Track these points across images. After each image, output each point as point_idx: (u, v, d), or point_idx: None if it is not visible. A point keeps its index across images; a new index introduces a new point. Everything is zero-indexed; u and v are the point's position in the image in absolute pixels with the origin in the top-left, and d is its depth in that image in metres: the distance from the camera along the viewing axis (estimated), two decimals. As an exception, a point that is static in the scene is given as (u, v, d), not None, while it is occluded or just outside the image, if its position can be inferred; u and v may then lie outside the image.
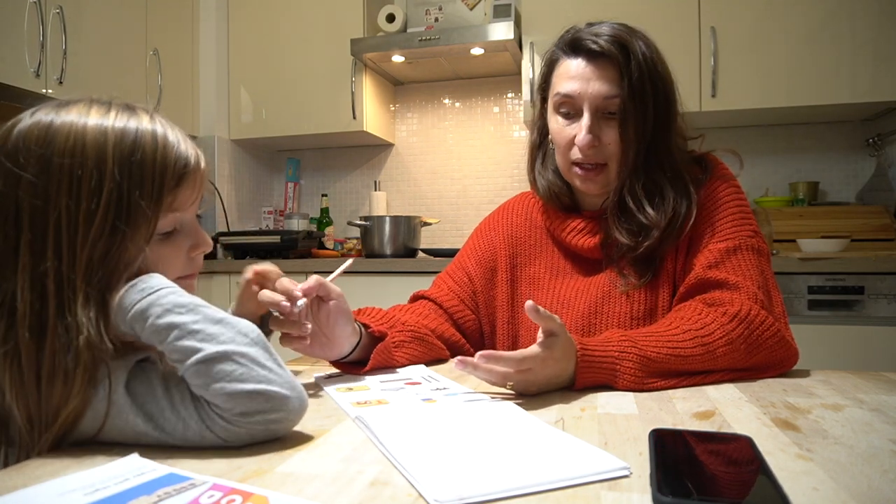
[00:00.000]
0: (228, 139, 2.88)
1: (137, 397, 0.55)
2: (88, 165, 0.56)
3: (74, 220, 0.55)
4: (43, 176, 0.56)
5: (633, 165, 0.95)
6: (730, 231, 0.95)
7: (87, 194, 0.56)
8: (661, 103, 0.95)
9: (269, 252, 2.62)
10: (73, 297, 0.54)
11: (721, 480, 0.47)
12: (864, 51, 2.15)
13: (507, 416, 0.63)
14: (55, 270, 0.55)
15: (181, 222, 0.64)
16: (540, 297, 1.05)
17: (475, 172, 2.97)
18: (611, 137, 0.95)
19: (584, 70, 0.95)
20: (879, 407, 0.68)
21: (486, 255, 1.13)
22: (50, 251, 0.55)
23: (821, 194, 2.53)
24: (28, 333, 0.53)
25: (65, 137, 0.57)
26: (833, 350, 1.91)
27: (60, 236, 0.55)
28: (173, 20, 2.67)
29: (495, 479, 0.46)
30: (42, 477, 0.48)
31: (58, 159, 0.56)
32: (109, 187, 0.56)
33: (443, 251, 2.53)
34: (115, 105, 0.62)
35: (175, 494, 0.44)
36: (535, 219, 1.13)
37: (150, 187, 0.59)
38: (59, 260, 0.55)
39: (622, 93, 0.92)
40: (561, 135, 0.99)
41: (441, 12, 2.83)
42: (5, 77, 1.94)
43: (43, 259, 0.54)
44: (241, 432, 0.54)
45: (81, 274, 0.55)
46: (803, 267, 1.95)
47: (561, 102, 0.98)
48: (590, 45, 0.94)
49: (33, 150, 0.56)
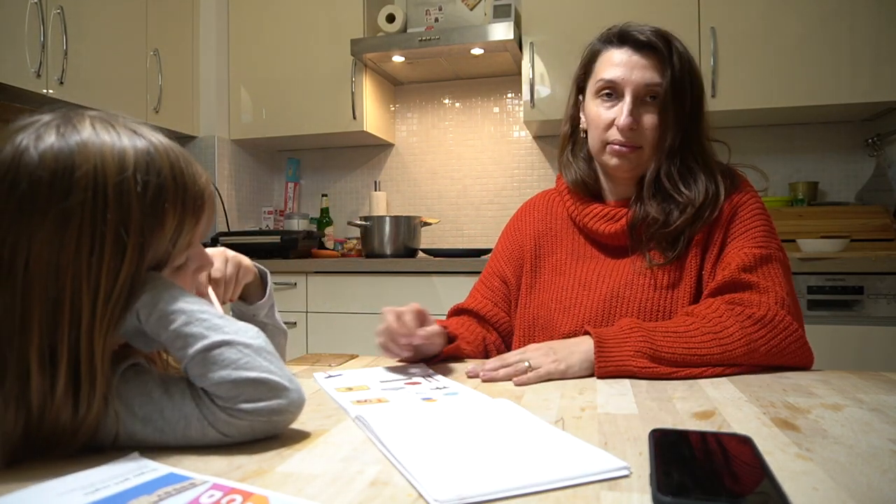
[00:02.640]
0: (228, 139, 2.88)
1: (132, 403, 0.54)
2: (111, 219, 0.51)
3: (96, 277, 0.51)
4: (61, 231, 0.50)
5: (667, 150, 1.01)
6: (762, 240, 0.99)
7: (111, 249, 0.51)
8: (696, 97, 1.02)
9: (269, 252, 2.62)
10: (88, 357, 0.51)
11: (721, 480, 0.47)
12: (864, 51, 2.15)
13: (507, 416, 0.63)
14: (70, 338, 0.51)
15: (188, 255, 0.62)
16: (562, 281, 1.08)
17: (475, 172, 2.97)
18: (649, 122, 1.01)
19: (630, 58, 1.01)
20: (879, 407, 0.68)
21: (515, 253, 1.17)
22: (66, 316, 0.50)
23: (820, 194, 2.53)
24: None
25: (84, 179, 0.51)
26: (832, 350, 1.91)
27: (81, 299, 0.50)
28: (173, 20, 2.67)
29: (495, 478, 0.46)
30: (42, 477, 0.48)
31: (78, 209, 0.50)
32: (134, 241, 0.53)
33: (443, 251, 2.53)
34: (123, 128, 0.56)
35: (175, 494, 0.44)
36: (558, 210, 1.17)
37: (171, 233, 0.57)
38: (78, 328, 0.51)
39: (664, 81, 0.99)
40: (600, 117, 1.03)
41: (441, 12, 2.83)
42: (6, 77, 1.94)
43: (57, 329, 0.50)
44: (242, 425, 0.54)
45: (98, 332, 0.52)
46: (803, 267, 1.95)
47: (603, 87, 1.03)
48: (637, 36, 1.01)
49: (46, 194, 0.50)
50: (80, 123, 0.55)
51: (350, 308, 2.35)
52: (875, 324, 1.90)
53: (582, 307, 1.03)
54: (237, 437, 0.55)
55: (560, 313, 1.04)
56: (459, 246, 2.93)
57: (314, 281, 2.42)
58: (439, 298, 2.22)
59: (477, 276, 2.22)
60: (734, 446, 0.53)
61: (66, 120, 0.55)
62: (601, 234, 1.07)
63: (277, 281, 2.47)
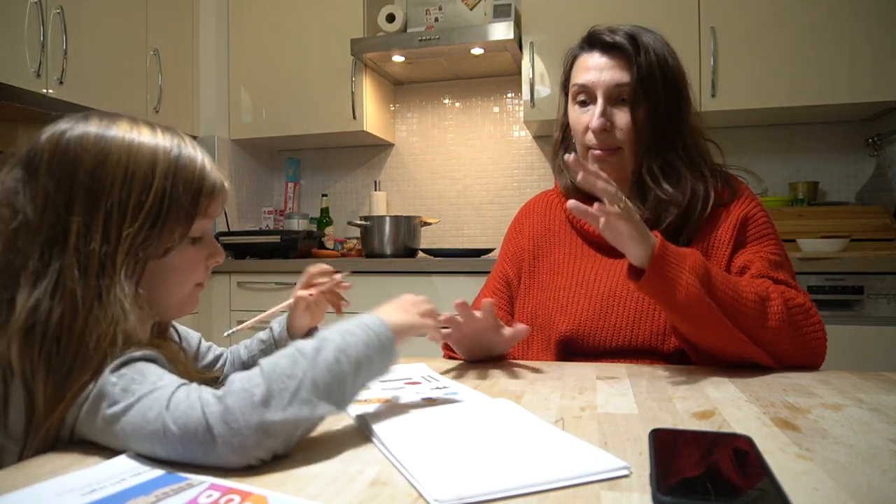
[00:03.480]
0: (228, 139, 2.88)
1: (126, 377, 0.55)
2: (142, 164, 0.62)
3: (124, 208, 0.60)
4: (100, 169, 0.60)
5: (646, 148, 1.01)
6: (777, 248, 1.01)
7: (139, 188, 0.61)
8: (673, 92, 1.02)
9: (269, 252, 2.62)
10: (111, 280, 0.59)
11: (721, 480, 0.47)
12: (864, 51, 2.15)
13: (506, 416, 0.63)
14: (100, 252, 0.59)
15: (205, 231, 0.69)
16: (559, 281, 1.08)
17: (475, 172, 2.97)
18: (623, 122, 1.01)
19: (599, 61, 1.02)
20: (879, 407, 0.68)
21: (516, 256, 1.18)
22: (98, 234, 0.59)
23: (820, 194, 2.53)
24: (70, 310, 0.57)
25: (121, 140, 0.62)
26: (832, 350, 1.89)
27: (110, 222, 0.60)
28: (173, 20, 2.67)
29: (495, 478, 0.46)
30: (39, 477, 0.48)
31: (115, 156, 0.61)
32: (158, 185, 0.62)
33: (443, 251, 2.52)
34: (158, 125, 0.67)
35: (173, 495, 0.44)
36: (556, 211, 1.17)
37: (191, 190, 0.65)
38: (108, 243, 0.60)
39: (632, 80, 0.99)
40: (578, 122, 1.05)
41: (441, 12, 2.83)
42: (6, 77, 1.94)
43: (90, 241, 0.59)
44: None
45: (122, 257, 0.60)
46: (803, 267, 1.95)
47: (578, 92, 1.05)
48: (604, 39, 1.02)
49: (91, 148, 0.61)
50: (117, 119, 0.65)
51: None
52: (875, 324, 1.90)
53: (579, 306, 1.03)
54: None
55: (557, 312, 1.04)
56: (459, 246, 2.92)
57: (314, 281, 2.41)
58: (439, 298, 2.22)
59: (477, 275, 2.23)
60: (734, 446, 0.52)
61: (101, 113, 0.65)
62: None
63: (277, 281, 2.47)
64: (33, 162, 0.61)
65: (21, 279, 0.58)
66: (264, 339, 0.93)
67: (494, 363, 0.97)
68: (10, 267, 0.59)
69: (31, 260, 0.58)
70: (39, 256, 0.58)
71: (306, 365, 0.54)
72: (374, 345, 0.59)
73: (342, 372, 0.55)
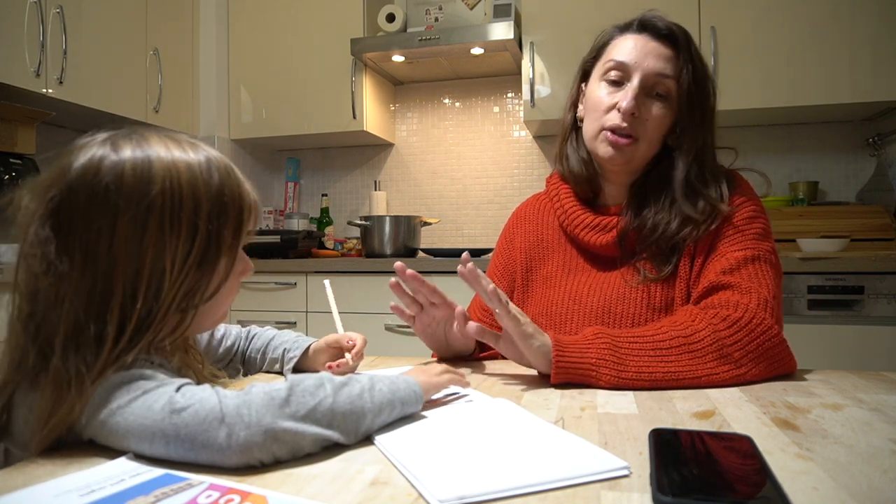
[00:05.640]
0: (228, 139, 2.88)
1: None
2: (187, 205, 0.59)
3: (172, 255, 0.58)
4: (143, 215, 0.57)
5: (689, 153, 0.97)
6: (752, 242, 0.94)
7: (186, 232, 0.59)
8: (706, 101, 0.99)
9: (269, 252, 2.61)
10: (149, 331, 0.57)
11: (721, 480, 0.47)
12: (864, 51, 2.15)
13: (507, 416, 0.63)
14: (144, 309, 0.57)
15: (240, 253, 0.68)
16: (553, 295, 1.05)
17: (475, 172, 2.97)
18: (650, 114, 0.97)
19: (646, 44, 0.98)
20: (879, 407, 0.68)
21: (508, 269, 1.14)
22: (143, 286, 0.57)
23: (820, 194, 2.53)
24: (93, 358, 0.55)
25: (162, 177, 0.58)
26: (833, 350, 1.91)
27: (154, 272, 0.57)
28: (173, 20, 2.67)
29: (495, 478, 0.46)
30: (39, 477, 0.48)
31: (159, 199, 0.57)
32: (204, 226, 0.60)
33: (443, 251, 2.53)
34: (185, 141, 0.63)
35: (172, 495, 0.44)
36: (548, 220, 1.13)
37: (234, 223, 0.63)
38: (155, 299, 0.57)
39: (675, 74, 0.96)
40: (602, 100, 0.99)
41: (441, 12, 2.83)
42: (5, 77, 1.94)
43: (135, 298, 0.56)
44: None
45: (164, 310, 0.58)
46: (803, 267, 1.95)
47: (612, 68, 0.99)
48: (657, 24, 0.98)
49: (132, 187, 0.57)
50: (149, 137, 0.62)
51: (350, 308, 2.35)
52: (875, 324, 1.90)
53: (573, 322, 1.00)
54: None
55: (551, 328, 1.00)
56: (459, 246, 2.92)
57: (314, 281, 2.42)
58: (439, 298, 2.21)
59: (477, 275, 2.23)
60: (734, 446, 0.52)
61: (134, 132, 0.61)
62: (591, 245, 1.03)
63: (277, 281, 2.47)
64: (65, 205, 0.56)
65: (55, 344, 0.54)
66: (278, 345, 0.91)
67: (494, 363, 0.97)
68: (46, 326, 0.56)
69: (66, 324, 0.55)
70: (74, 320, 0.55)
71: (330, 390, 0.55)
72: (401, 394, 0.61)
73: (362, 408, 0.57)
